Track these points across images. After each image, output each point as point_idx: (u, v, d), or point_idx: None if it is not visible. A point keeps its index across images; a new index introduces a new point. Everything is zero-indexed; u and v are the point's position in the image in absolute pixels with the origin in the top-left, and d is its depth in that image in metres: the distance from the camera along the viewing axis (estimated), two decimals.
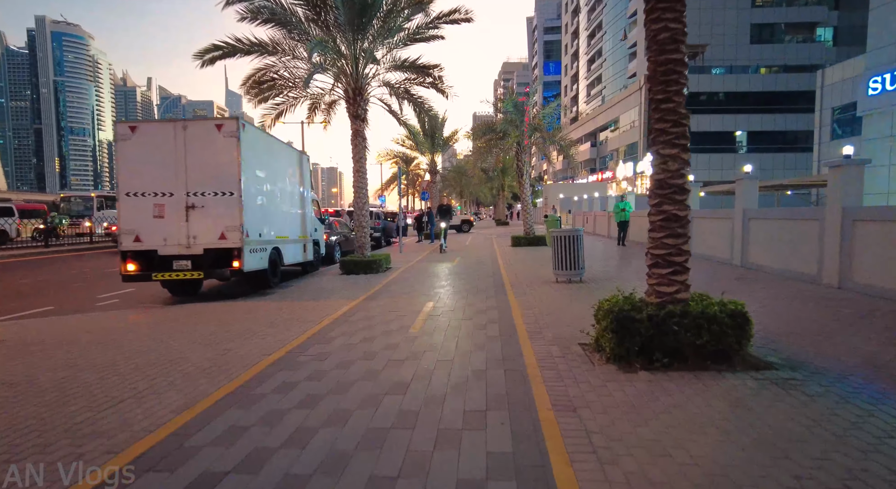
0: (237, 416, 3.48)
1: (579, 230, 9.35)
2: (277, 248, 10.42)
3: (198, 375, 4.45)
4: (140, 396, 3.96)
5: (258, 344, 5.54)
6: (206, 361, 4.89)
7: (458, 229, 34.22)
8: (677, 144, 4.44)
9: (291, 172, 11.43)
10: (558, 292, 8.40)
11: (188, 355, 5.14)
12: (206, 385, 4.18)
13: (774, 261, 9.71)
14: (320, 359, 4.87)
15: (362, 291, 9.19)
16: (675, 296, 4.46)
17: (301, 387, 4.07)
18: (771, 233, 9.94)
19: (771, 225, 10.02)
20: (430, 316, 6.75)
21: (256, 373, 4.44)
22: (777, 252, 9.64)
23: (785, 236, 9.44)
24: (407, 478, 2.63)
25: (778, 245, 9.62)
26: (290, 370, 4.53)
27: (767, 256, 9.98)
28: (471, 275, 11.08)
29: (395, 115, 13.72)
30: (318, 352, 5.12)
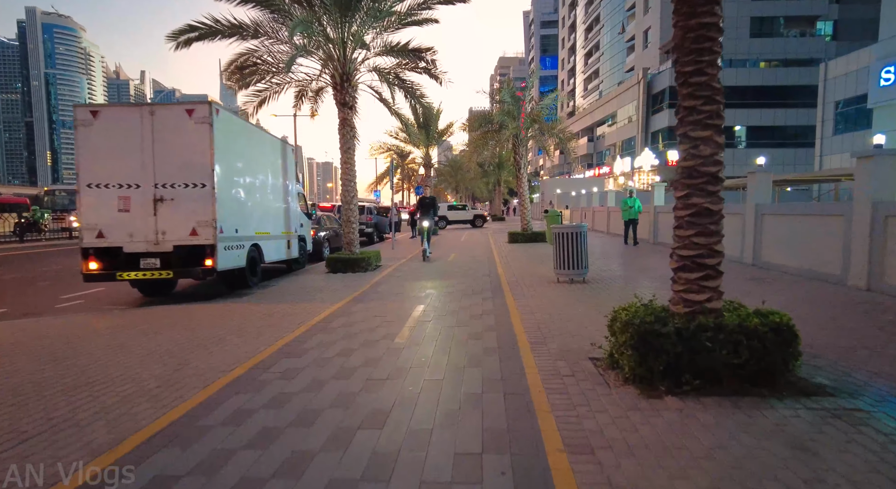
0: (164, 463, 2.75)
1: (583, 226, 8.66)
2: (257, 245, 9.68)
3: (136, 401, 3.72)
4: (47, 435, 3.23)
5: (221, 356, 4.82)
6: (154, 380, 4.16)
7: (472, 224, 33.38)
8: (710, 125, 3.73)
9: (273, 163, 10.66)
10: (560, 294, 7.70)
11: (136, 372, 4.41)
12: (142, 415, 3.45)
13: (791, 260, 9.04)
14: (287, 377, 4.15)
15: (348, 292, 8.47)
16: (706, 305, 3.76)
17: (257, 417, 3.35)
18: (788, 229, 9.27)
19: (788, 221, 9.34)
20: (419, 322, 6.04)
21: (208, 398, 3.72)
22: (794, 250, 8.97)
23: (804, 233, 8.77)
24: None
25: (795, 243, 8.95)
26: (249, 392, 3.81)
27: (783, 255, 9.31)
28: (466, 274, 10.37)
29: (386, 103, 12.96)
30: (287, 368, 4.40)
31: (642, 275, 9.47)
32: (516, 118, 17.70)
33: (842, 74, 28.60)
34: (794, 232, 9.04)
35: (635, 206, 15.39)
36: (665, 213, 14.83)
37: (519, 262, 12.16)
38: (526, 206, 18.95)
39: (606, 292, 7.71)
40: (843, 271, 7.64)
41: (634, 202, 15.34)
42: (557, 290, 8.02)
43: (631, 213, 15.44)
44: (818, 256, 8.32)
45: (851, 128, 28.35)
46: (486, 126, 18.68)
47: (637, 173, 48.28)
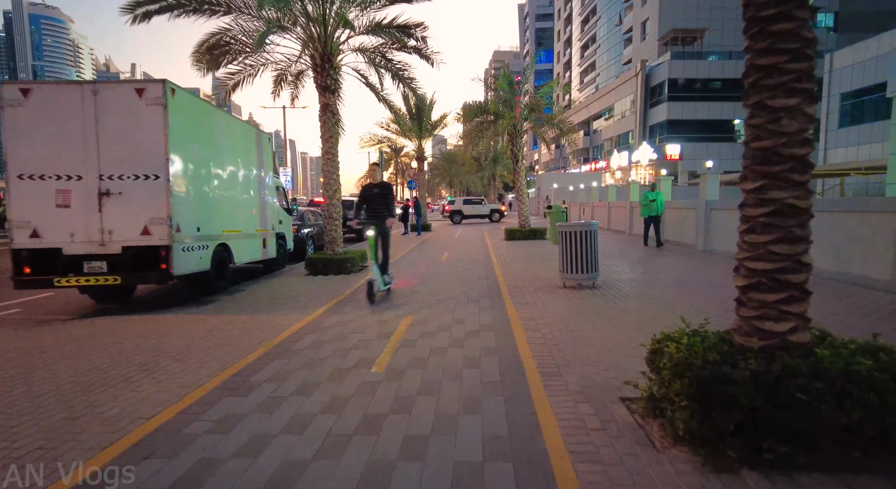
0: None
1: (593, 224, 7.63)
2: (225, 245, 8.59)
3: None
4: None
5: (144, 394, 3.76)
6: (37, 437, 3.09)
7: (489, 218, 32.26)
8: (799, 90, 2.70)
9: (245, 153, 9.56)
10: (570, 303, 6.68)
11: (20, 421, 3.34)
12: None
13: (829, 262, 8.06)
14: (221, 429, 3.11)
15: (326, 299, 7.42)
16: (790, 338, 2.74)
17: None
18: (827, 227, 8.28)
19: (826, 219, 8.35)
20: (404, 342, 5.00)
21: (98, 470, 2.67)
22: (832, 251, 8.00)
23: (845, 232, 7.79)
24: None
25: (834, 243, 7.97)
26: (159, 458, 2.76)
27: (818, 256, 8.32)
28: (460, 276, 9.34)
29: (373, 88, 11.85)
30: (225, 414, 3.35)
31: (660, 280, 8.47)
32: (513, 108, 16.62)
33: (847, 65, 27.67)
34: (834, 230, 8.06)
35: (658, 200, 13.23)
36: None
37: (518, 263, 11.14)
38: (524, 201, 17.92)
39: (623, 301, 6.69)
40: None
41: (657, 196, 13.23)
42: (565, 298, 7.00)
43: (652, 209, 13.24)
44: (863, 258, 7.35)
45: (858, 120, 27.46)
46: (481, 116, 17.60)
47: (635, 168, 47.37)
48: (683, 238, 13.71)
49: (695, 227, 12.87)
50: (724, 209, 11.85)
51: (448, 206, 34.33)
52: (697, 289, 7.44)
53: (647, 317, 5.71)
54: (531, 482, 2.44)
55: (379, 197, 7.86)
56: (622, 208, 19.67)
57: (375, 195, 7.88)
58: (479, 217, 32.49)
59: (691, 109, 43.77)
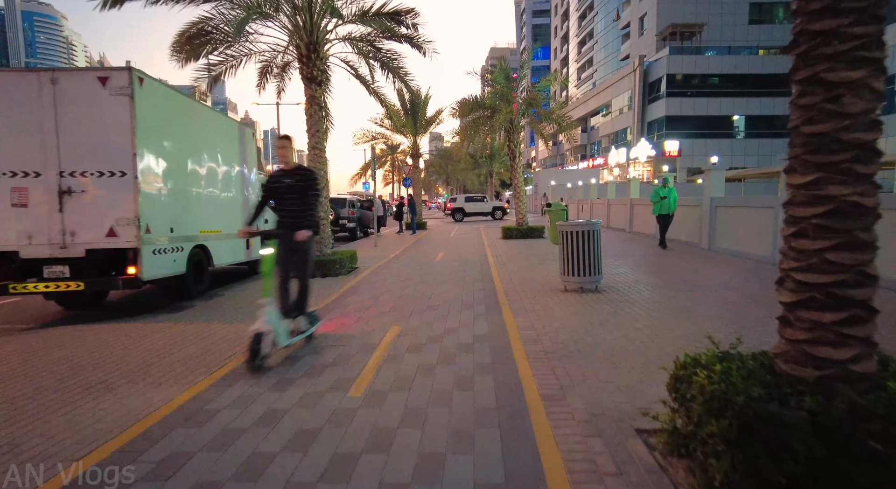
0: None
1: (596, 223, 7.11)
2: (203, 247, 8.06)
3: None
4: None
5: (82, 425, 3.22)
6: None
7: (492, 216, 31.80)
8: (865, 60, 2.19)
9: (227, 149, 9.01)
10: (572, 309, 6.16)
11: None
12: None
13: None
14: (157, 476, 2.58)
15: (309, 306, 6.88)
16: (852, 368, 2.22)
17: None
18: None
19: None
20: (388, 358, 4.47)
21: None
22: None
23: None
24: None
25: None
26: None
27: None
28: (454, 278, 8.81)
29: (363, 80, 11.29)
30: (168, 453, 2.81)
31: (667, 283, 7.96)
32: (510, 102, 16.08)
33: None
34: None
35: (671, 197, 12.06)
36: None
37: (516, 263, 10.61)
38: (521, 198, 17.39)
39: (630, 307, 6.17)
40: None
41: (670, 193, 12.05)
42: (566, 304, 6.48)
43: (664, 207, 12.13)
44: None
45: None
46: (477, 112, 17.04)
47: (633, 164, 46.90)
48: (686, 236, 13.22)
49: (699, 225, 12.38)
50: (729, 206, 11.35)
51: (449, 204, 33.91)
52: (708, 292, 6.93)
53: (658, 326, 5.20)
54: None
55: (292, 192, 4.85)
56: (622, 206, 19.18)
57: (286, 189, 4.86)
58: (482, 215, 32.06)
59: (690, 105, 43.30)
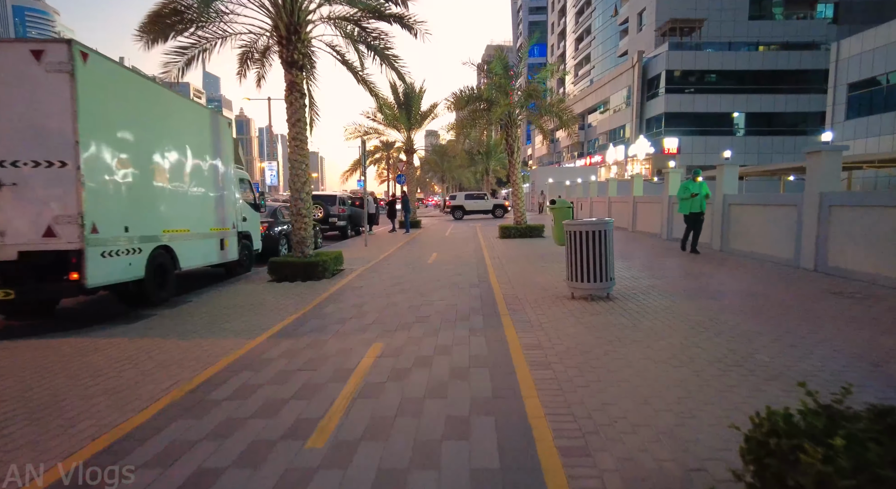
0: None
1: (608, 223, 6.30)
2: (167, 248, 7.19)
3: None
4: None
5: None
6: None
7: (493, 214, 31.04)
8: None
9: (197, 139, 8.13)
10: (583, 321, 5.35)
11: None
12: None
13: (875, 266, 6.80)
14: None
15: (281, 315, 6.05)
16: None
17: None
18: (869, 224, 7.01)
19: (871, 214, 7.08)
20: (364, 389, 3.64)
21: None
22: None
23: None
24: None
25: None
26: None
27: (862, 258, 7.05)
28: (449, 283, 7.99)
29: (351, 67, 10.42)
30: None
31: (683, 289, 7.16)
32: (508, 94, 15.24)
33: (856, 54, 26.52)
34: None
35: (702, 193, 10.21)
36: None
37: (516, 266, 9.79)
38: (520, 196, 16.57)
39: (649, 319, 5.36)
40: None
41: (701, 188, 10.22)
42: (576, 315, 5.66)
43: (694, 205, 10.32)
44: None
45: (866, 111, 26.34)
46: (473, 104, 16.18)
47: (631, 162, 46.18)
48: None
49: (710, 225, 11.58)
50: (745, 204, 10.55)
51: (449, 201, 33.19)
52: (733, 300, 6.14)
53: (687, 345, 4.39)
54: None
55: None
56: (625, 204, 18.40)
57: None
58: (482, 213, 31.33)
59: (689, 102, 42.58)
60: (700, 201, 10.33)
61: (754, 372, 3.68)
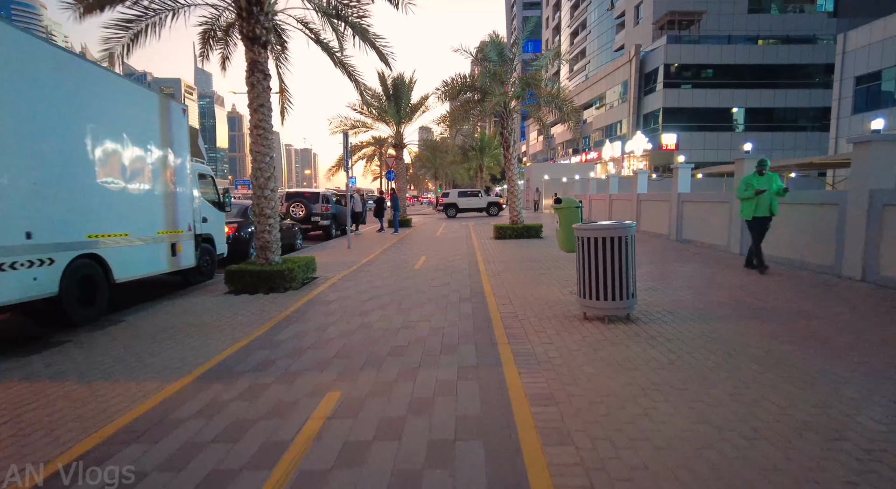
0: None
1: (629, 227, 5.12)
2: (96, 257, 5.96)
3: None
4: None
5: None
6: None
7: (487, 212, 29.99)
8: None
9: (139, 126, 6.87)
10: (604, 355, 4.17)
11: None
12: None
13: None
14: None
15: (224, 343, 4.83)
16: None
17: None
18: None
19: None
20: (296, 482, 2.45)
21: None
22: None
23: None
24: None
25: None
26: None
27: None
28: (436, 296, 6.81)
29: (325, 46, 9.17)
30: None
31: (716, 305, 6.01)
32: (503, 82, 14.03)
33: (864, 46, 25.49)
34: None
35: (772, 188, 7.59)
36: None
37: (514, 273, 8.61)
38: (516, 193, 15.38)
39: (689, 352, 4.19)
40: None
41: (771, 182, 7.62)
42: (594, 345, 4.48)
43: (761, 207, 7.66)
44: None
45: (874, 105, 25.33)
46: (466, 94, 14.95)
47: (628, 158, 45.13)
48: (708, 238, 11.31)
49: (727, 225, 10.46)
50: None
51: (442, 199, 32.08)
52: (784, 324, 4.99)
53: (752, 397, 3.23)
54: None
55: None
56: (627, 202, 17.26)
57: None
58: (476, 210, 30.22)
59: (688, 97, 41.53)
60: (768, 201, 7.64)
61: (872, 453, 2.52)
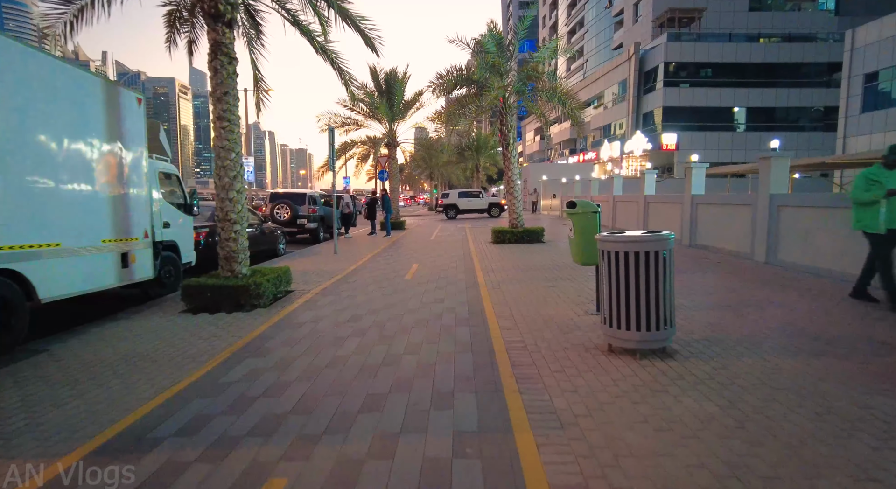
0: None
1: (666, 239, 4.09)
2: (12, 273, 4.90)
3: None
4: None
5: None
6: None
7: (488, 213, 29.09)
8: None
9: (70, 116, 5.79)
10: (647, 410, 3.14)
11: None
12: None
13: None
14: None
15: (155, 388, 3.78)
16: None
17: None
18: None
19: None
20: None
21: None
22: None
23: None
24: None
25: None
26: None
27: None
28: (427, 316, 5.78)
29: (302, 28, 8.13)
30: None
31: (766, 331, 5.02)
32: (503, 75, 13.02)
33: (874, 41, 24.65)
34: None
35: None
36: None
37: (517, 286, 7.58)
38: (515, 193, 14.38)
39: (754, 403, 3.18)
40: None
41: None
42: (628, 391, 3.46)
43: (894, 213, 5.42)
44: None
45: (885, 104, 24.50)
46: (462, 87, 13.90)
47: (627, 159, 44.21)
48: (728, 244, 10.34)
49: (750, 230, 9.48)
50: (799, 206, 8.46)
51: (441, 200, 31.19)
52: (866, 359, 4.00)
53: None
54: None
55: None
56: (633, 204, 16.28)
57: None
58: (477, 211, 29.30)
59: (689, 95, 40.67)
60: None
61: None
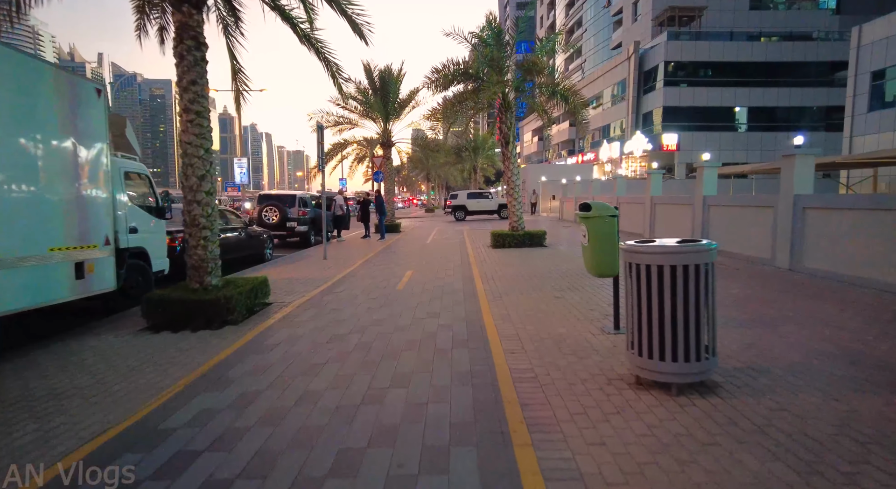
0: None
1: (707, 250, 3.37)
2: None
3: None
4: None
5: None
6: None
7: (498, 214, 28.45)
8: None
9: (9, 105, 5.03)
10: (697, 473, 2.41)
11: None
12: None
13: None
14: None
15: (78, 438, 3.03)
16: None
17: None
18: None
19: None
20: None
21: None
22: None
23: None
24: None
25: None
26: None
27: None
28: (419, 337, 5.04)
29: (284, 13, 7.39)
30: None
31: (813, 354, 4.31)
32: (503, 70, 12.32)
33: (881, 39, 24.03)
34: None
35: None
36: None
37: (520, 297, 6.84)
38: (516, 194, 13.66)
39: (840, 467, 2.46)
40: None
41: None
42: (671, 449, 2.73)
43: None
44: None
45: (894, 102, 23.88)
46: (461, 82, 13.15)
47: (626, 159, 43.56)
48: (745, 248, 9.64)
49: (771, 234, 8.78)
50: (826, 208, 7.75)
51: (450, 201, 30.81)
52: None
53: None
54: None
55: None
56: (638, 205, 15.55)
57: None
58: (487, 213, 28.78)
59: (689, 95, 40.04)
60: None
61: None
